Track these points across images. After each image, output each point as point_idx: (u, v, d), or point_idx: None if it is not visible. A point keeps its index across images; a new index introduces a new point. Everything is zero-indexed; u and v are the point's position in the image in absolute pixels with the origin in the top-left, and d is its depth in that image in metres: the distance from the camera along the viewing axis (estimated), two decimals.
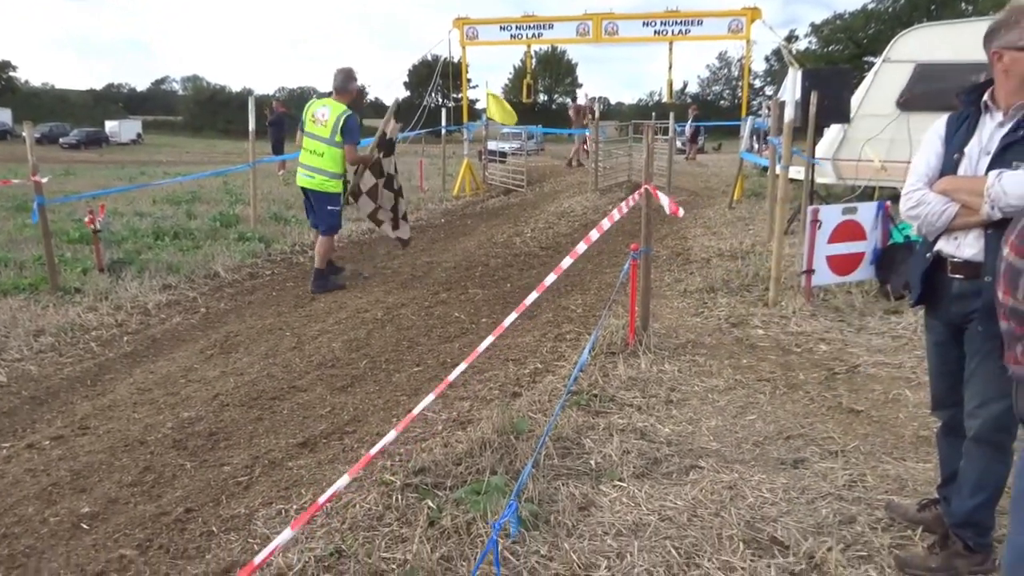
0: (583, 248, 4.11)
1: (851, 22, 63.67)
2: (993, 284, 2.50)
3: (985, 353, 2.57)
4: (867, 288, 6.46)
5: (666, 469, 3.52)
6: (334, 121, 7.11)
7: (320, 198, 7.33)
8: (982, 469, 2.68)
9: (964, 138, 2.66)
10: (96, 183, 19.20)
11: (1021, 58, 2.48)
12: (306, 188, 7.39)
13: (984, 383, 2.61)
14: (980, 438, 2.66)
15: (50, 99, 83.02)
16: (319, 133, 7.20)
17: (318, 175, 7.25)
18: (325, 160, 7.20)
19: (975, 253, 2.59)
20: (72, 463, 3.88)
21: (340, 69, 7.33)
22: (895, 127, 9.97)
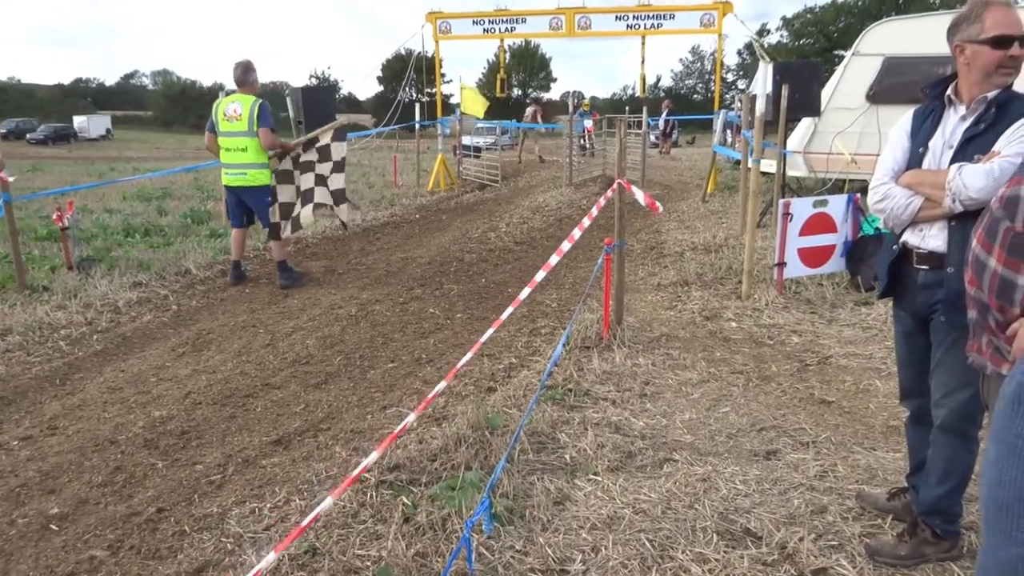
0: (567, 247, 4.13)
1: (821, 16, 64.29)
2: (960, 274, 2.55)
3: (950, 344, 2.62)
4: (838, 280, 6.53)
5: (640, 462, 3.54)
6: (248, 113, 7.15)
7: (256, 193, 7.35)
8: (949, 457, 2.72)
9: (929, 132, 2.70)
10: (64, 179, 18.90)
11: (982, 51, 2.52)
12: (238, 187, 7.35)
13: (949, 373, 2.66)
14: (946, 427, 2.71)
15: (16, 94, 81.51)
16: (237, 129, 7.20)
17: (249, 170, 7.25)
18: (250, 154, 7.21)
19: (939, 245, 2.63)
20: (41, 464, 3.82)
21: (238, 63, 7.36)
22: (864, 120, 10.10)
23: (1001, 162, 2.45)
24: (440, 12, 17.13)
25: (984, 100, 2.55)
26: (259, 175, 7.29)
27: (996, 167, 2.46)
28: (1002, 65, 2.51)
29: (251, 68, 7.42)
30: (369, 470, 3.41)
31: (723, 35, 16.03)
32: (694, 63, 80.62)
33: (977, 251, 2.02)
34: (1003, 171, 2.45)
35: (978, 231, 2.04)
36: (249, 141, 7.19)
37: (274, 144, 7.28)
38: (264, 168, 7.30)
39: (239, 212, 7.54)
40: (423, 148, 17.85)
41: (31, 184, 16.58)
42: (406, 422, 2.93)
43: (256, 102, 7.19)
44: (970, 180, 2.47)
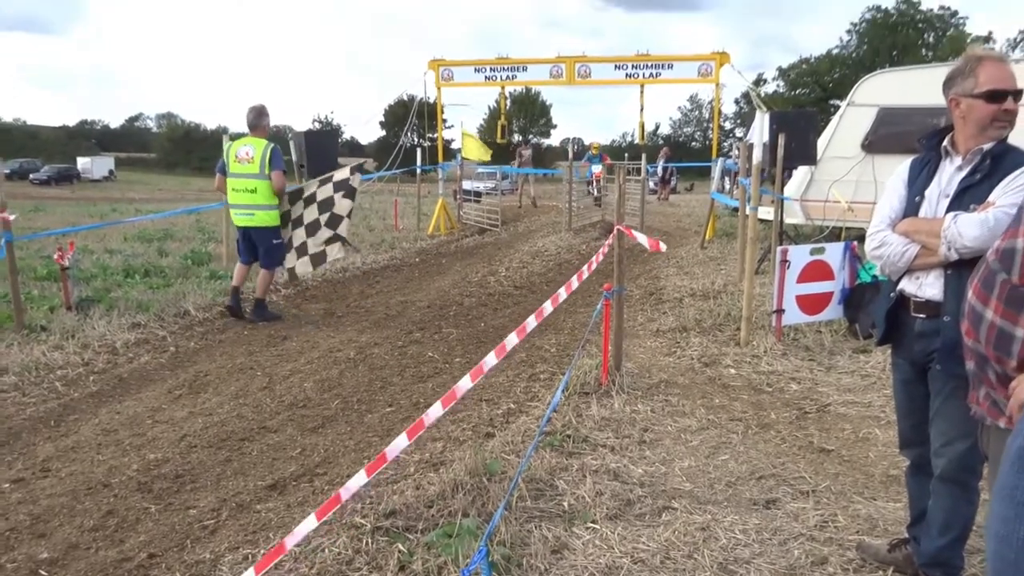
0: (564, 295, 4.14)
1: (816, 66, 65.37)
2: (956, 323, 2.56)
3: (948, 393, 2.62)
4: (836, 327, 6.54)
5: (639, 510, 3.51)
6: (260, 156, 7.40)
7: (264, 234, 7.61)
8: (949, 508, 2.70)
9: (925, 182, 2.74)
10: (66, 220, 19.00)
11: (976, 105, 2.57)
12: (247, 227, 7.62)
13: (947, 423, 2.65)
14: (946, 477, 2.69)
15: (22, 135, 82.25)
16: (248, 171, 7.45)
17: (257, 211, 7.52)
18: (259, 195, 7.47)
19: (935, 293, 2.65)
20: (32, 507, 3.78)
21: (252, 107, 7.65)
22: (860, 169, 10.21)
23: (996, 212, 2.48)
24: (443, 60, 17.41)
25: (980, 152, 2.60)
26: (266, 216, 7.53)
27: (991, 217, 2.49)
28: (996, 118, 2.56)
29: (264, 113, 7.66)
30: (365, 516, 3.38)
31: (720, 84, 16.28)
32: (692, 111, 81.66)
33: (973, 302, 2.03)
34: (997, 221, 2.47)
35: (974, 282, 2.05)
36: (259, 183, 7.42)
37: (283, 187, 7.51)
38: (272, 210, 7.54)
39: (247, 250, 7.77)
40: (424, 192, 17.98)
41: (33, 224, 16.67)
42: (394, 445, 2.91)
43: (268, 146, 7.44)
44: (965, 229, 2.50)
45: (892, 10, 64.28)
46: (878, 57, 58.51)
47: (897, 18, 63.93)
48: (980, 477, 2.69)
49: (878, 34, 63.49)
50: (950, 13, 64.28)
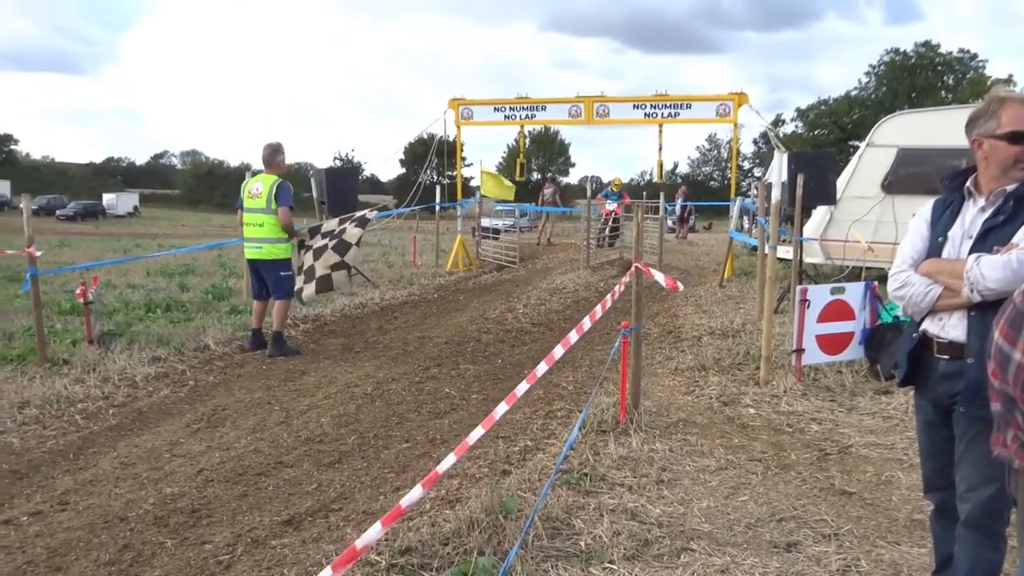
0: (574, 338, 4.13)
1: (835, 107, 65.60)
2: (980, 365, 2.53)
3: (972, 437, 2.58)
4: (857, 368, 6.47)
5: (657, 551, 3.46)
6: (267, 191, 7.63)
7: (271, 266, 7.81)
8: (974, 555, 2.64)
9: (948, 222, 2.73)
10: (90, 255, 19.28)
11: (999, 146, 2.57)
12: (255, 259, 7.86)
13: (972, 467, 2.60)
14: (970, 523, 2.63)
15: (50, 172, 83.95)
16: (257, 206, 7.71)
17: (265, 244, 7.75)
18: (266, 229, 7.69)
19: (959, 334, 2.62)
20: (49, 540, 3.79)
21: (267, 144, 7.92)
22: (880, 209, 10.17)
23: (1019, 254, 2.47)
24: (462, 99, 17.68)
25: (1003, 193, 2.59)
26: (274, 250, 7.74)
27: (1014, 259, 2.47)
28: (1019, 160, 2.56)
29: (278, 150, 7.92)
30: (380, 553, 3.35)
31: (739, 124, 16.43)
32: (710, 151, 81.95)
33: (1000, 343, 2.00)
34: (1020, 263, 2.46)
35: (1000, 323, 2.03)
36: (266, 218, 7.65)
37: (290, 224, 7.72)
38: (279, 243, 7.75)
39: (258, 284, 7.97)
40: (442, 229, 18.12)
41: (58, 259, 16.92)
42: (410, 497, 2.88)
43: (276, 182, 7.68)
44: (988, 271, 2.49)
45: (911, 52, 64.63)
46: (897, 99, 58.64)
47: (916, 60, 64.23)
48: (1007, 523, 2.63)
49: (897, 76, 63.75)
50: (969, 56, 64.55)
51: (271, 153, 7.86)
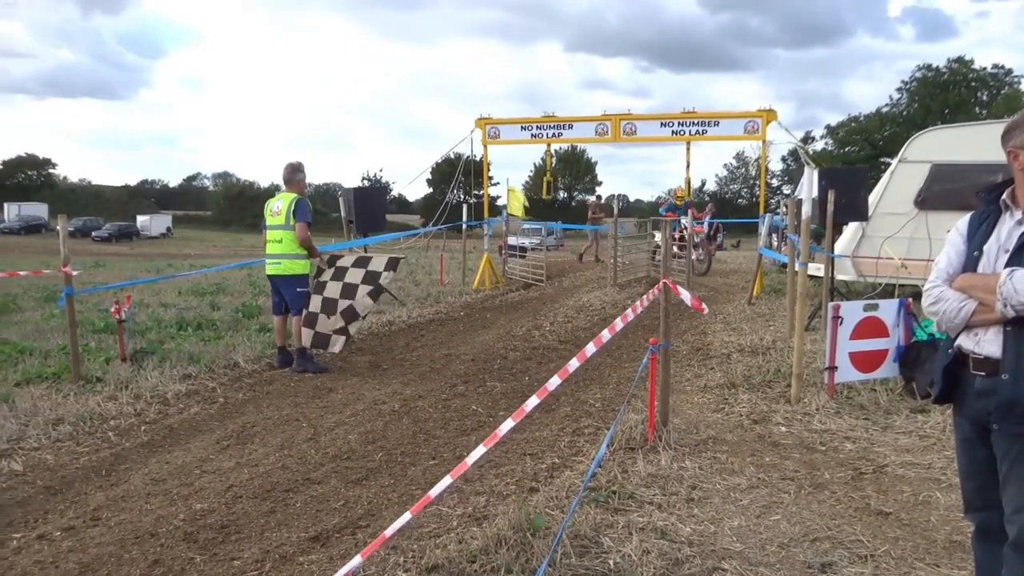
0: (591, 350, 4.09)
1: (866, 124, 65.07)
2: (1016, 381, 2.47)
3: (1015, 456, 2.51)
4: (891, 386, 6.35)
5: (688, 571, 3.40)
6: (287, 209, 7.80)
7: (288, 282, 7.93)
8: None
9: (984, 236, 2.67)
10: (124, 275, 19.60)
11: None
12: (274, 275, 8.01)
13: (1017, 488, 2.53)
14: (1018, 545, 2.55)
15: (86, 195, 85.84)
16: (277, 223, 7.89)
17: (283, 260, 7.88)
18: (285, 245, 7.85)
19: (995, 350, 2.56)
20: (81, 555, 3.82)
21: (288, 164, 8.14)
22: (914, 226, 10.04)
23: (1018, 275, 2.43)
24: (489, 118, 17.78)
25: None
26: (292, 265, 7.89)
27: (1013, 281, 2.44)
28: None
29: (298, 169, 8.13)
30: (407, 570, 3.33)
31: (767, 142, 16.29)
32: (738, 168, 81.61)
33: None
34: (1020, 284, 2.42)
35: None
36: (284, 234, 7.83)
37: (307, 239, 7.84)
38: (298, 259, 7.88)
39: (277, 299, 8.11)
40: (469, 248, 18.17)
41: (92, 279, 17.22)
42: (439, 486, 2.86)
43: (295, 199, 7.85)
44: (1021, 285, 2.43)
45: (944, 68, 63.99)
46: (929, 115, 58.03)
47: (949, 76, 63.60)
48: None
49: (929, 92, 63.16)
50: (1004, 72, 63.81)
51: (291, 172, 8.05)
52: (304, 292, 7.98)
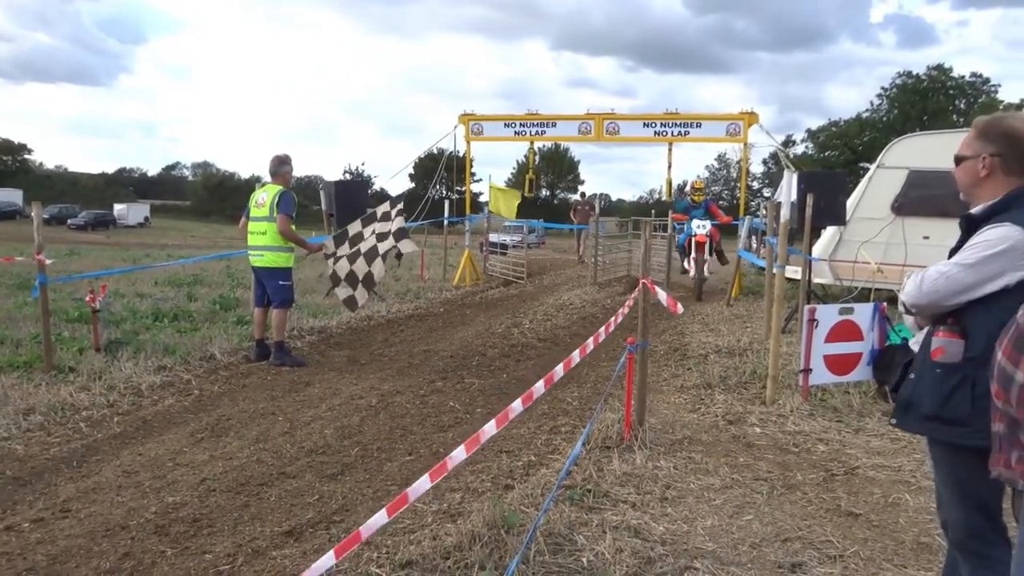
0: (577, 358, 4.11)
1: (846, 129, 65.70)
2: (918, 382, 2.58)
3: (936, 458, 2.64)
4: (865, 389, 6.42)
5: (660, 570, 3.42)
6: (271, 201, 7.76)
7: (271, 274, 7.88)
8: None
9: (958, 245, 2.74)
10: (100, 263, 19.36)
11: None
12: (257, 267, 7.96)
13: (942, 489, 2.66)
14: (957, 545, 2.65)
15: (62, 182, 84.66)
16: (261, 215, 7.85)
17: (266, 252, 7.84)
18: (268, 237, 7.81)
19: (917, 349, 2.68)
20: (50, 547, 3.78)
21: (275, 156, 8.10)
22: (890, 231, 10.14)
23: (928, 272, 2.53)
24: (472, 114, 17.71)
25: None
26: (275, 258, 7.83)
27: (921, 276, 2.54)
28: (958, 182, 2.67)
29: (284, 161, 8.09)
30: (380, 566, 3.33)
31: (749, 144, 16.39)
32: (720, 170, 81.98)
33: (1004, 364, 1.98)
34: (925, 281, 2.52)
35: (1004, 344, 2.01)
36: (268, 226, 7.78)
37: (287, 231, 7.76)
38: (281, 251, 7.83)
39: (260, 291, 8.05)
40: (450, 244, 18.14)
41: (67, 267, 17.00)
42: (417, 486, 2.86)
43: (280, 191, 7.80)
44: (910, 287, 2.57)
45: (923, 76, 64.72)
46: (908, 122, 58.70)
47: (928, 84, 64.34)
48: (995, 545, 2.58)
49: (908, 99, 63.86)
50: (982, 80, 64.66)
51: (277, 164, 8.01)
52: (286, 285, 7.91)
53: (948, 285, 2.47)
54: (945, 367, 2.52)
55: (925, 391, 2.56)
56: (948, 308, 2.50)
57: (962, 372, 2.47)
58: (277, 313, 7.87)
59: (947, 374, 2.50)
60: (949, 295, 2.48)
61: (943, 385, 2.50)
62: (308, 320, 10.15)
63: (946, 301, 2.49)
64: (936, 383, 2.52)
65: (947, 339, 2.51)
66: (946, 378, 2.50)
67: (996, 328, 2.40)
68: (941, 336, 2.52)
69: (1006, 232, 2.41)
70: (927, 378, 2.56)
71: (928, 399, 2.54)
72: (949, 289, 2.47)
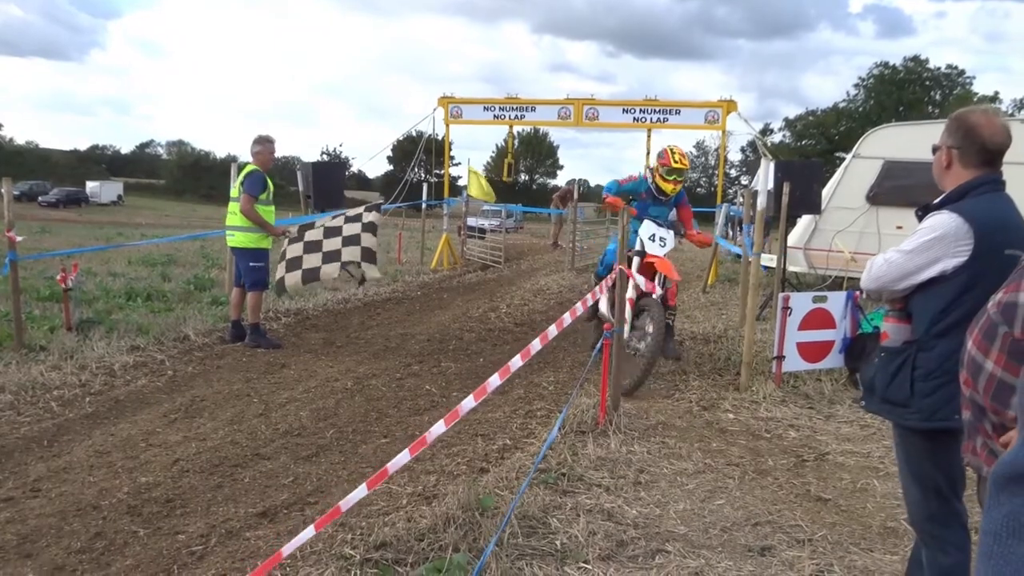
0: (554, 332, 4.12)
1: (823, 119, 66.17)
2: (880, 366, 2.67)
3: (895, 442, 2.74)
4: (836, 376, 6.51)
5: (632, 552, 3.46)
6: (240, 180, 7.71)
7: (242, 254, 7.83)
8: (929, 559, 2.69)
9: None
10: (72, 242, 19.09)
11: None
12: (232, 247, 7.94)
13: (900, 471, 2.77)
14: (914, 527, 2.77)
15: (33, 158, 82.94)
16: (233, 194, 7.83)
17: (236, 232, 7.79)
18: (236, 217, 7.76)
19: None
20: (20, 526, 3.74)
21: (257, 136, 7.99)
22: (864, 220, 10.26)
23: (878, 258, 2.65)
24: (452, 97, 17.64)
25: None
26: (244, 238, 7.76)
27: (871, 262, 2.67)
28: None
29: (259, 141, 7.97)
30: (355, 547, 3.34)
31: (727, 132, 16.47)
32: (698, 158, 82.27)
33: (973, 353, 2.02)
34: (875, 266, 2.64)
35: (974, 333, 2.05)
36: (236, 206, 7.72)
37: (248, 212, 7.60)
38: (249, 232, 7.72)
39: (238, 272, 7.98)
40: (428, 227, 18.08)
41: (38, 245, 16.74)
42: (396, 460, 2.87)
43: (248, 170, 7.73)
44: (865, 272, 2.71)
45: (900, 67, 65.26)
46: (884, 112, 59.24)
47: (905, 75, 64.90)
48: (952, 528, 2.65)
49: (885, 90, 64.39)
50: (957, 72, 65.33)
51: (253, 143, 7.92)
52: (258, 267, 7.80)
53: (890, 271, 2.58)
54: (889, 351, 2.63)
55: (876, 374, 2.68)
56: (900, 293, 2.59)
57: (903, 355, 2.57)
58: (252, 295, 7.79)
59: (891, 357, 2.62)
60: (893, 280, 2.59)
61: (887, 367, 2.63)
62: (284, 302, 10.08)
63: (894, 286, 2.59)
64: (883, 366, 2.66)
65: (893, 324, 2.64)
66: (890, 361, 2.62)
67: (936, 313, 2.49)
68: (889, 321, 2.65)
69: (940, 220, 2.51)
70: (879, 361, 2.68)
71: (879, 382, 2.65)
72: (892, 274, 2.58)
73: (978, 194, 2.51)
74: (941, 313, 2.48)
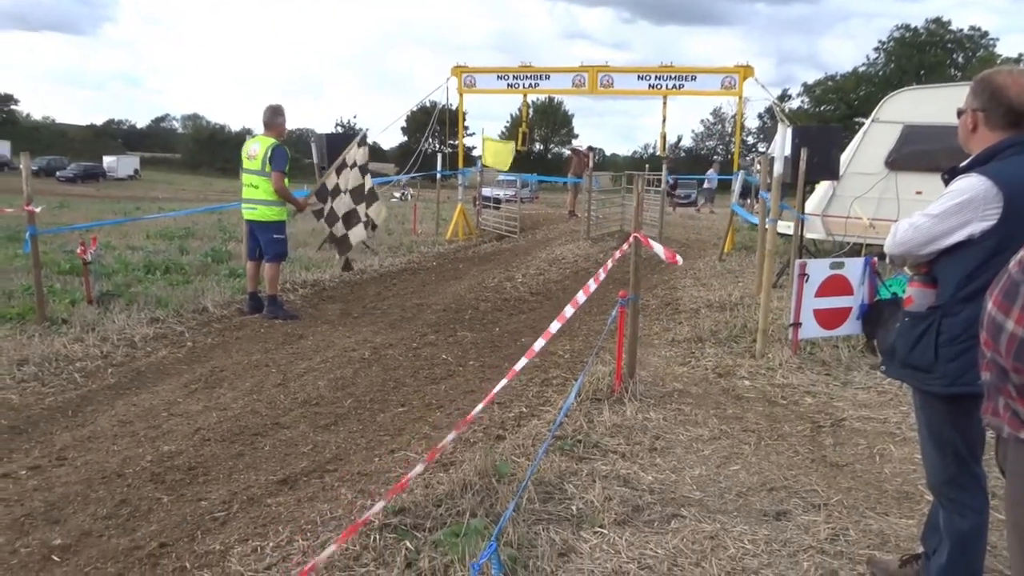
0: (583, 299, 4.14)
1: (842, 83, 65.13)
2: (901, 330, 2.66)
3: (916, 406, 2.72)
4: (853, 343, 6.49)
5: (648, 517, 3.49)
6: (263, 154, 7.61)
7: (264, 227, 7.81)
8: (946, 523, 2.69)
9: None
10: (90, 216, 19.23)
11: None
12: (250, 220, 7.90)
13: (920, 435, 2.76)
14: (933, 491, 2.77)
15: (50, 133, 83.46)
16: (253, 167, 7.73)
17: (259, 206, 7.76)
18: (260, 191, 7.71)
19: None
20: (47, 494, 3.82)
21: (269, 106, 7.91)
22: (883, 186, 10.12)
23: (903, 223, 2.61)
24: (465, 67, 17.50)
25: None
26: (268, 211, 7.75)
27: (896, 227, 2.63)
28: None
29: (278, 112, 7.89)
30: (375, 514, 3.38)
31: (744, 98, 16.26)
32: (715, 125, 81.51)
33: (993, 313, 1.99)
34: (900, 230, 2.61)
35: (994, 293, 2.02)
36: (261, 180, 7.67)
37: (282, 189, 7.65)
38: (273, 205, 7.73)
39: (253, 244, 7.97)
40: (443, 198, 18.05)
41: (57, 219, 16.90)
42: (413, 473, 2.91)
43: (272, 145, 7.64)
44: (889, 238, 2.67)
45: (921, 29, 64.01)
46: (905, 76, 58.15)
47: (926, 37, 63.67)
48: (971, 492, 2.65)
49: (906, 53, 63.25)
50: (980, 34, 64.01)
51: (271, 115, 7.81)
52: (280, 239, 7.84)
53: (916, 235, 2.55)
54: (913, 316, 2.61)
55: (899, 339, 2.66)
56: (925, 258, 2.56)
57: (928, 320, 2.55)
58: (270, 267, 7.82)
59: (915, 322, 2.60)
60: (919, 245, 2.55)
61: (911, 332, 2.60)
62: (301, 273, 10.15)
63: (919, 251, 2.56)
64: (906, 331, 2.63)
65: (918, 289, 2.61)
66: (914, 326, 2.60)
67: (963, 278, 2.46)
68: (913, 286, 2.61)
69: (969, 183, 2.46)
70: (901, 326, 2.65)
71: (900, 347, 2.63)
72: (918, 239, 2.54)
73: (1005, 156, 2.46)
74: (967, 278, 2.45)
